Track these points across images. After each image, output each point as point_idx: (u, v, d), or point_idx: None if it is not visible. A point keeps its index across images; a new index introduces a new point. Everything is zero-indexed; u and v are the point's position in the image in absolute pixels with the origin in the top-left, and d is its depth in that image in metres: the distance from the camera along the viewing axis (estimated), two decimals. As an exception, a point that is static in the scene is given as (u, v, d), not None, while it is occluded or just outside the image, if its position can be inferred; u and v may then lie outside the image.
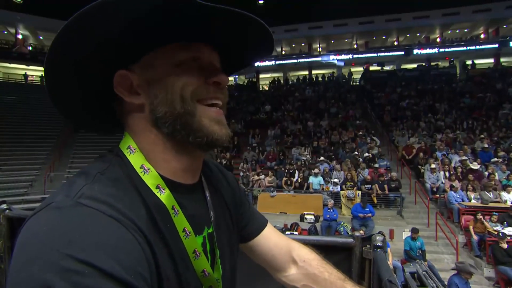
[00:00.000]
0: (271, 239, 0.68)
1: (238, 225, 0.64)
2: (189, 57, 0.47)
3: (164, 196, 0.45)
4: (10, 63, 22.74)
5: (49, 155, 13.12)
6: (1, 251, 1.61)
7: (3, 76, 23.03)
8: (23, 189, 10.95)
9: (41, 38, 24.82)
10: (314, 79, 23.08)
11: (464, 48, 21.99)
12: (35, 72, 23.51)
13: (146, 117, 0.48)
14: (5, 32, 23.60)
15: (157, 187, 0.45)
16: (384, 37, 25.66)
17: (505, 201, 7.21)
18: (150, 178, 0.45)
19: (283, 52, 27.18)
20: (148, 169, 0.46)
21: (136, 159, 0.46)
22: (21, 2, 22.24)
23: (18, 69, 22.93)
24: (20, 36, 23.26)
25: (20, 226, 0.36)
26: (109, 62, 0.46)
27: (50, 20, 22.60)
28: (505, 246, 5.72)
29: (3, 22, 22.25)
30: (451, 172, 8.67)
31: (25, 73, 22.52)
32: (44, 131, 14.94)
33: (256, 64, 25.10)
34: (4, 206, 1.62)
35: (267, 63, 25.08)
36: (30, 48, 23.45)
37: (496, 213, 6.64)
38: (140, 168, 0.46)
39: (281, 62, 24.84)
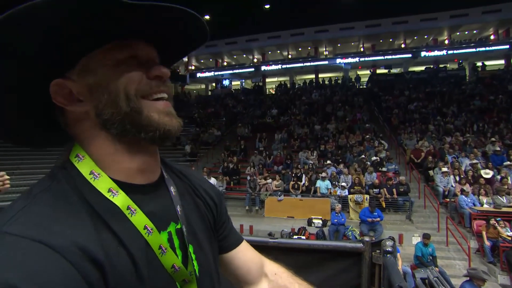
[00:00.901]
0: (247, 254, 0.69)
1: (218, 230, 0.64)
2: (127, 56, 0.46)
3: (118, 198, 0.44)
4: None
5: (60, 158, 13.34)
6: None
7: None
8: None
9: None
10: (321, 82, 23.04)
11: (474, 50, 21.64)
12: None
13: (93, 122, 0.46)
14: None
15: (109, 190, 0.44)
16: (391, 40, 25.48)
17: (519, 206, 7.04)
18: (101, 183, 0.44)
19: (290, 56, 27.24)
20: (98, 174, 0.45)
21: (84, 166, 0.45)
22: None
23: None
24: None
25: None
26: (39, 73, 0.43)
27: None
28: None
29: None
30: (462, 176, 8.52)
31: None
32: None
33: (263, 68, 25.24)
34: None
35: (273, 67, 25.18)
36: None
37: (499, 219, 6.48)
38: (90, 174, 0.45)
39: (288, 66, 24.87)
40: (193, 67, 29.28)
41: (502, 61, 21.47)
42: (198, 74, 27.57)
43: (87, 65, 0.45)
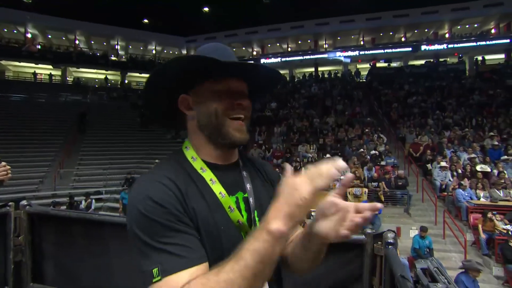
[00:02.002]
0: None
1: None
2: (222, 88, 0.72)
3: (205, 173, 0.72)
4: (19, 62, 23.05)
5: (58, 153, 13.32)
6: (22, 245, 1.68)
7: (13, 75, 23.37)
8: (34, 186, 11.16)
9: (49, 36, 25.18)
10: (320, 76, 22.92)
11: (474, 44, 21.51)
12: (44, 70, 23.81)
13: (196, 124, 0.75)
14: (15, 32, 23.92)
15: (201, 168, 0.72)
16: (391, 33, 25.27)
17: (515, 200, 7.12)
18: (197, 163, 0.73)
19: (289, 49, 27.03)
20: (196, 158, 0.74)
21: (189, 153, 0.75)
22: (30, 1, 22.50)
23: (27, 67, 23.26)
24: (29, 35, 23.54)
25: (39, 221, 0.73)
26: (177, 90, 0.75)
27: (58, 19, 22.93)
28: (515, 244, 5.67)
29: (13, 21, 22.60)
30: (460, 170, 8.58)
31: (34, 71, 22.82)
32: (53, 129, 15.17)
33: (262, 61, 25.05)
34: (24, 202, 1.68)
35: (272, 60, 24.98)
36: (39, 47, 23.77)
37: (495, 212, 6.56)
38: (191, 158, 0.74)
39: (287, 59, 24.71)
40: (192, 60, 29.02)
41: (503, 55, 21.38)
42: (197, 67, 27.36)
43: (199, 89, 0.74)
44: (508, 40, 20.77)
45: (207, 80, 0.73)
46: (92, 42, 26.46)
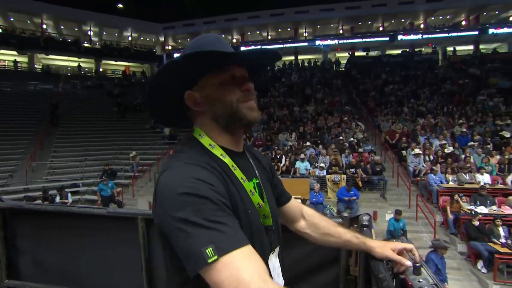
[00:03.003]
0: (293, 204, 1.02)
1: (275, 189, 0.93)
2: (227, 77, 0.74)
3: (226, 159, 0.74)
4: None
5: (29, 145, 12.66)
6: (-5, 241, 1.61)
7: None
8: (3, 180, 10.61)
9: (11, 19, 23.20)
10: (300, 64, 23.01)
11: (446, 35, 22.44)
12: (7, 56, 22.24)
13: (208, 117, 0.77)
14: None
15: (221, 154, 0.74)
16: (369, 23, 25.66)
17: (479, 182, 7.63)
18: (216, 150, 0.74)
19: (269, 37, 26.82)
20: (214, 145, 0.75)
21: (205, 141, 0.75)
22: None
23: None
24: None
25: (12, 216, 0.61)
26: (183, 87, 0.76)
27: (20, 2, 21.19)
28: (476, 223, 6.12)
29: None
30: (432, 156, 9.04)
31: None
32: (22, 120, 14.37)
33: (242, 48, 24.70)
34: (-5, 196, 1.61)
35: (253, 48, 24.72)
36: (0, 31, 22.02)
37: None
38: (209, 145, 0.74)
39: (267, 47, 24.48)
40: (170, 47, 28.16)
41: (472, 47, 22.39)
42: (176, 55, 26.56)
43: (203, 83, 0.75)
44: (476, 32, 21.79)
45: (211, 73, 0.74)
46: (62, 27, 24.80)
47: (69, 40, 24.47)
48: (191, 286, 0.63)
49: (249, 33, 27.29)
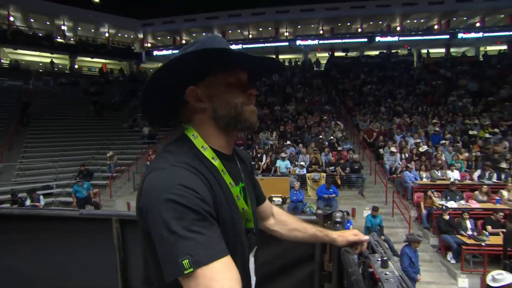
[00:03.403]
0: (267, 204, 1.05)
1: (255, 189, 0.95)
2: (235, 79, 0.75)
3: (217, 163, 0.73)
4: None
5: (-4, 145, 11.97)
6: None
7: None
8: (-31, 182, 9.98)
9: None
10: (282, 64, 23.14)
11: (420, 38, 23.42)
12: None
13: (207, 115, 0.76)
14: None
15: (212, 158, 0.73)
16: (349, 24, 26.24)
17: (449, 179, 8.03)
18: (208, 153, 0.73)
19: (250, 36, 26.82)
20: (206, 147, 0.74)
21: (198, 142, 0.74)
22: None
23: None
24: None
25: None
26: (185, 82, 0.74)
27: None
28: (447, 217, 6.45)
29: None
30: (407, 154, 9.41)
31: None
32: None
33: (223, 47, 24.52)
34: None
35: (233, 46, 24.48)
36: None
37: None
38: (202, 147, 0.73)
39: (248, 46, 24.50)
40: (149, 45, 27.47)
41: (443, 50, 23.49)
42: (155, 52, 25.97)
43: (210, 81, 0.74)
44: (447, 36, 22.95)
45: (220, 72, 0.74)
46: (32, 20, 23.51)
47: (40, 35, 23.18)
48: (171, 286, 0.65)
49: (230, 31, 27.14)
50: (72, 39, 24.43)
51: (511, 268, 4.43)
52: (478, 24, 24.23)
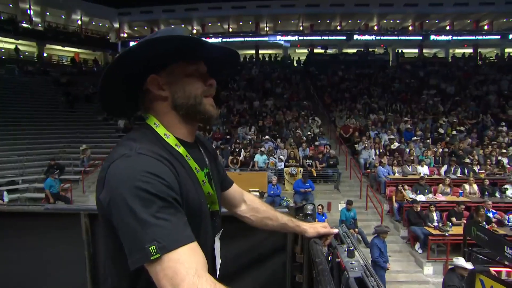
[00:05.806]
0: (236, 189, 1.07)
1: (218, 173, 0.95)
2: (194, 69, 0.77)
3: (181, 149, 0.74)
4: None
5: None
6: None
7: None
8: None
9: None
10: (261, 59, 23.14)
11: (396, 37, 24.38)
12: None
13: (168, 104, 0.76)
14: None
15: (176, 145, 0.74)
16: (328, 21, 26.63)
17: (419, 174, 8.46)
18: (171, 140, 0.74)
19: (230, 30, 26.51)
20: (169, 135, 0.75)
21: (160, 130, 0.75)
22: None
23: None
24: None
25: None
26: (146, 71, 0.74)
27: None
28: (418, 209, 6.81)
29: None
30: (381, 150, 9.78)
31: None
32: None
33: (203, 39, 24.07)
34: None
35: (213, 40, 24.22)
36: None
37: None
38: (164, 135, 0.74)
39: (228, 39, 24.23)
40: (125, 35, 26.43)
41: (417, 50, 24.50)
42: (131, 43, 24.96)
43: (172, 69, 0.75)
44: (420, 37, 24.10)
45: (182, 60, 0.75)
46: (-8, 2, 21.78)
47: (1, 18, 21.53)
48: (135, 274, 0.66)
49: (210, 24, 26.69)
50: (40, 25, 22.95)
51: (469, 255, 4.76)
52: (448, 28, 25.48)
